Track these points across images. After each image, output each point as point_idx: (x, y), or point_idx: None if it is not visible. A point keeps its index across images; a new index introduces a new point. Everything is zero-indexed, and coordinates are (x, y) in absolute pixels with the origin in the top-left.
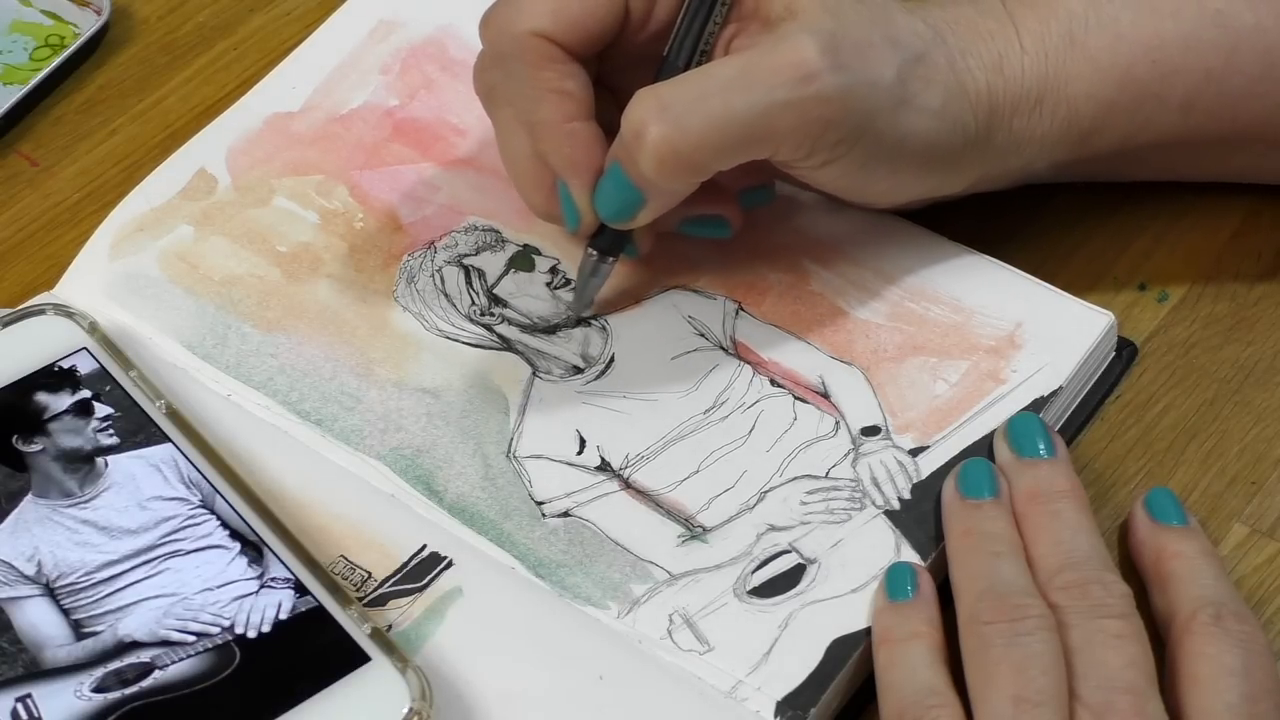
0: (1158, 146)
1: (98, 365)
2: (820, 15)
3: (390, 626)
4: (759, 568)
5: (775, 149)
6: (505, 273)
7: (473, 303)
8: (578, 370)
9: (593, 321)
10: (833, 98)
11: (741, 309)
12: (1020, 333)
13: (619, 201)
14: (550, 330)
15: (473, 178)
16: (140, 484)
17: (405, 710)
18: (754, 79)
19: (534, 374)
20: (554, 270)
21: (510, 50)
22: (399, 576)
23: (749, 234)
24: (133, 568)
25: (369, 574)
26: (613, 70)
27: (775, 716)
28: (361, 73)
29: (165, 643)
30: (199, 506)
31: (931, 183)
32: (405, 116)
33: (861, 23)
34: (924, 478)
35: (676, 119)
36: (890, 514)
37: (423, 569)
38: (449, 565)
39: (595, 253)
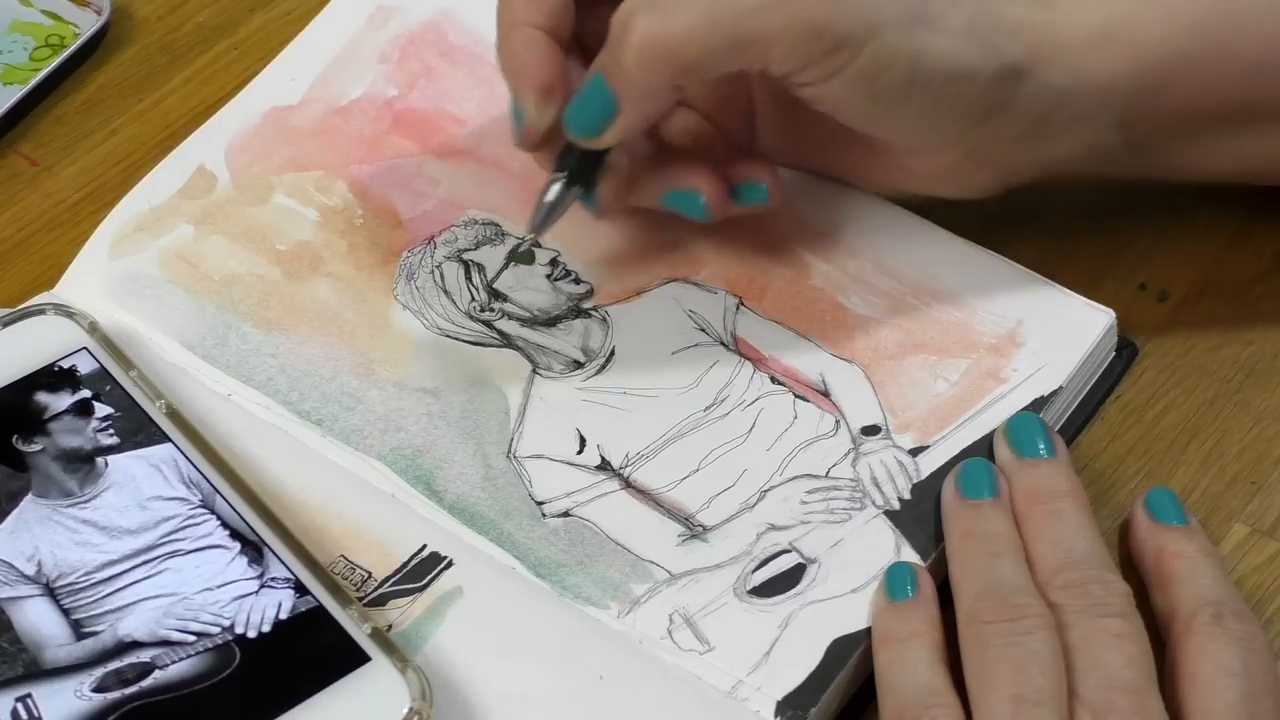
0: (1218, 119)
1: (98, 365)
2: None
3: (390, 626)
4: (759, 567)
5: (765, 54)
6: (505, 266)
7: (473, 298)
8: (578, 365)
9: (593, 313)
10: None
11: (742, 304)
12: (1021, 330)
13: (592, 111)
14: (551, 323)
15: (472, 170)
16: (140, 484)
17: (405, 710)
18: None
19: (534, 371)
20: (554, 262)
21: None
22: (399, 576)
23: (749, 226)
24: (133, 568)
25: (369, 574)
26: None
27: (775, 716)
28: (360, 62)
29: (165, 643)
30: (199, 506)
31: (962, 119)
32: (405, 107)
33: None
34: (924, 478)
35: (665, 9)
36: (890, 514)
37: (423, 569)
38: (449, 565)
39: (560, 175)
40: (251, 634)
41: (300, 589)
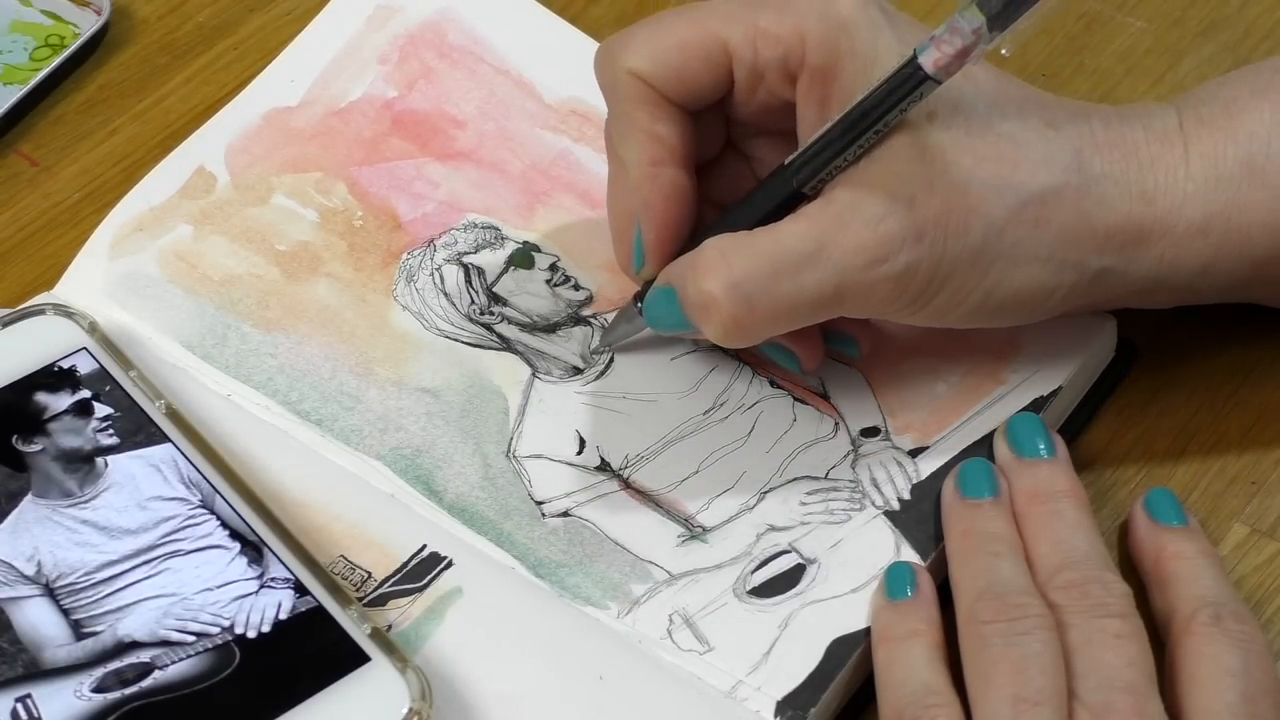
0: None
1: (98, 365)
2: (909, 170)
3: (390, 626)
4: (759, 568)
5: (843, 314)
6: (505, 270)
7: (472, 301)
8: (577, 370)
9: (593, 320)
10: (904, 275)
11: None
12: (1020, 334)
13: (668, 323)
14: (550, 329)
15: (471, 173)
16: (140, 484)
17: (405, 710)
18: (826, 257)
19: (534, 374)
20: (553, 268)
21: (610, 85)
22: (399, 576)
23: None
24: (133, 568)
25: (369, 574)
26: (742, 136)
27: (775, 716)
28: (360, 63)
29: (165, 643)
30: (199, 506)
31: (1043, 314)
32: (404, 109)
33: (964, 166)
34: (924, 478)
35: (747, 298)
36: (890, 514)
37: (423, 569)
38: (449, 565)
39: (640, 306)
40: (251, 634)
41: (300, 589)
